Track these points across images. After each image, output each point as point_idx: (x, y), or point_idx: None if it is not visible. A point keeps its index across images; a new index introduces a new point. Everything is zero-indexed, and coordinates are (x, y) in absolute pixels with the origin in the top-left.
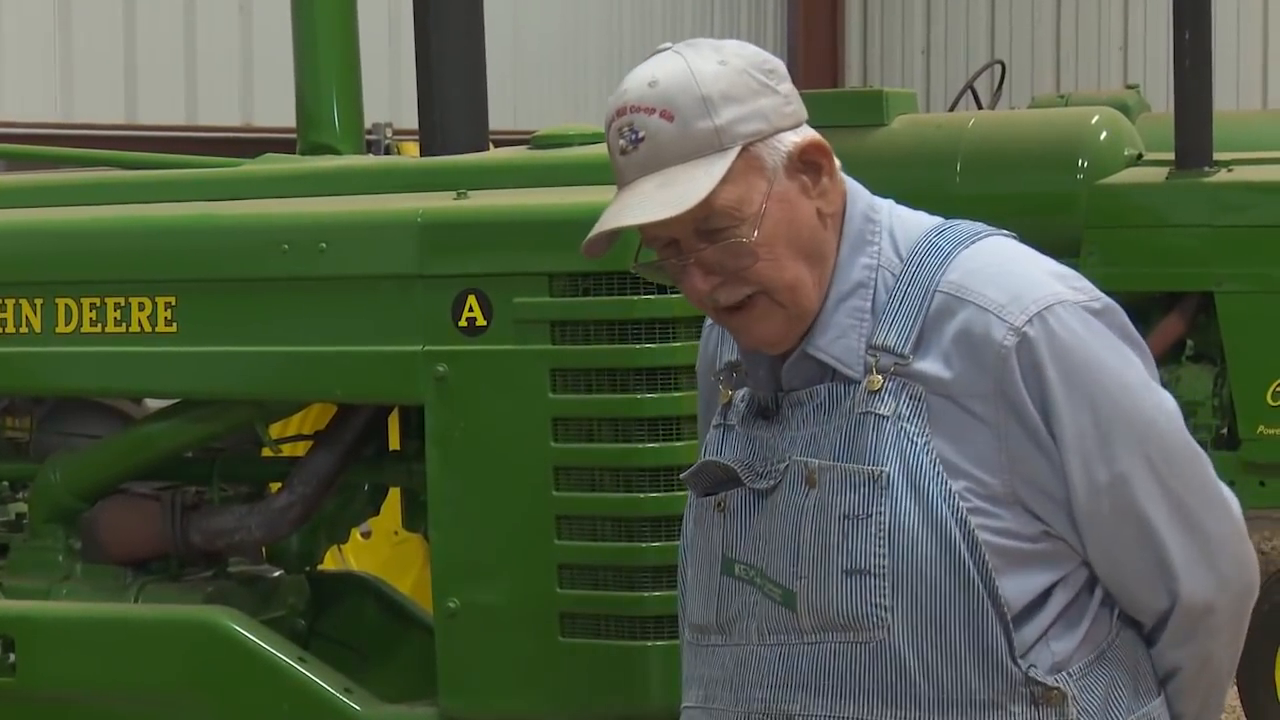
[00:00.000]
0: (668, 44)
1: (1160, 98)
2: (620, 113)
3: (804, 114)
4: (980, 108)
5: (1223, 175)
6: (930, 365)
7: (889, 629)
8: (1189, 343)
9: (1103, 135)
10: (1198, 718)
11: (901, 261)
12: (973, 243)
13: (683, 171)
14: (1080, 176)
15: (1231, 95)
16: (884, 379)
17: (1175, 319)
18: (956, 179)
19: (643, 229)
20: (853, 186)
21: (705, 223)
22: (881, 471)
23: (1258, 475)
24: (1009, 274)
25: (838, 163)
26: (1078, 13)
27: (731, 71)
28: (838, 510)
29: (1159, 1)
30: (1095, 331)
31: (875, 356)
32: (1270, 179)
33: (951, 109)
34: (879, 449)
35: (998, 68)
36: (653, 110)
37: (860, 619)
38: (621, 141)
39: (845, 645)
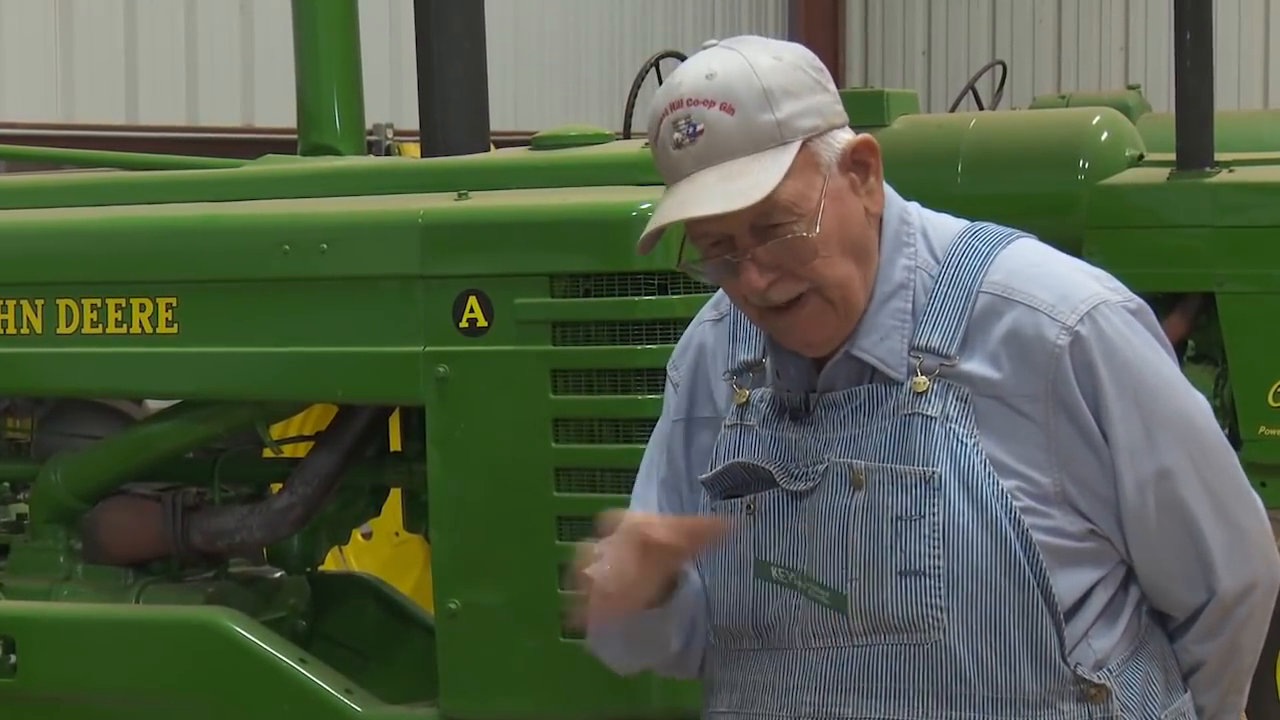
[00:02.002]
0: (713, 40)
1: (1161, 98)
2: (675, 105)
3: (846, 115)
4: (981, 108)
5: (1224, 176)
6: (977, 366)
7: (944, 629)
8: (1190, 343)
9: (1104, 136)
10: (1219, 710)
11: (937, 263)
12: (1008, 244)
13: (744, 164)
14: (1081, 177)
15: (1233, 95)
16: (929, 380)
17: (1176, 319)
18: (958, 179)
19: (691, 225)
20: (886, 190)
21: (764, 218)
22: (933, 472)
23: (1259, 476)
24: (1051, 274)
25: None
26: (1079, 13)
27: (787, 66)
28: (889, 512)
29: (1160, 2)
30: (1136, 331)
31: (919, 358)
32: (1271, 179)
33: (953, 109)
34: (929, 450)
35: (999, 68)
36: (712, 103)
37: (915, 620)
38: (677, 135)
39: (898, 647)
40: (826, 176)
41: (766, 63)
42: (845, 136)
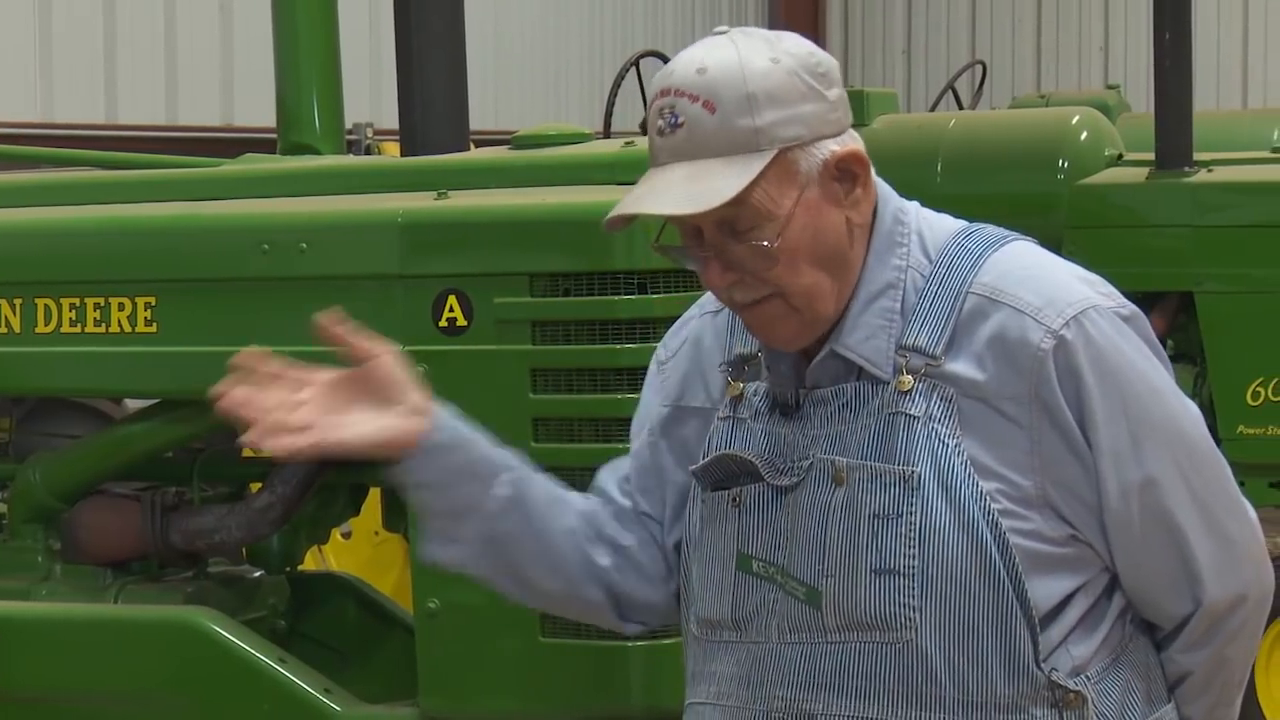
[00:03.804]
0: (724, 27)
1: (1140, 98)
2: (664, 93)
3: (848, 119)
4: (961, 108)
5: (1203, 175)
6: (962, 367)
7: (916, 629)
8: (1169, 342)
9: (1083, 135)
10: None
11: (930, 263)
12: (1001, 245)
13: (715, 166)
14: (1061, 177)
15: (1211, 95)
16: (914, 379)
17: (1155, 319)
18: (937, 179)
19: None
20: (883, 189)
21: (731, 220)
22: (912, 472)
23: (1238, 475)
24: (1041, 278)
25: (874, 174)
26: (1058, 13)
27: (782, 71)
28: (867, 509)
29: (1139, 2)
30: (1126, 337)
31: (905, 357)
32: (1250, 179)
33: (932, 109)
34: (910, 449)
35: (978, 68)
36: (696, 98)
37: (888, 619)
38: (660, 122)
39: (871, 645)
40: (803, 187)
41: (761, 66)
42: (833, 147)
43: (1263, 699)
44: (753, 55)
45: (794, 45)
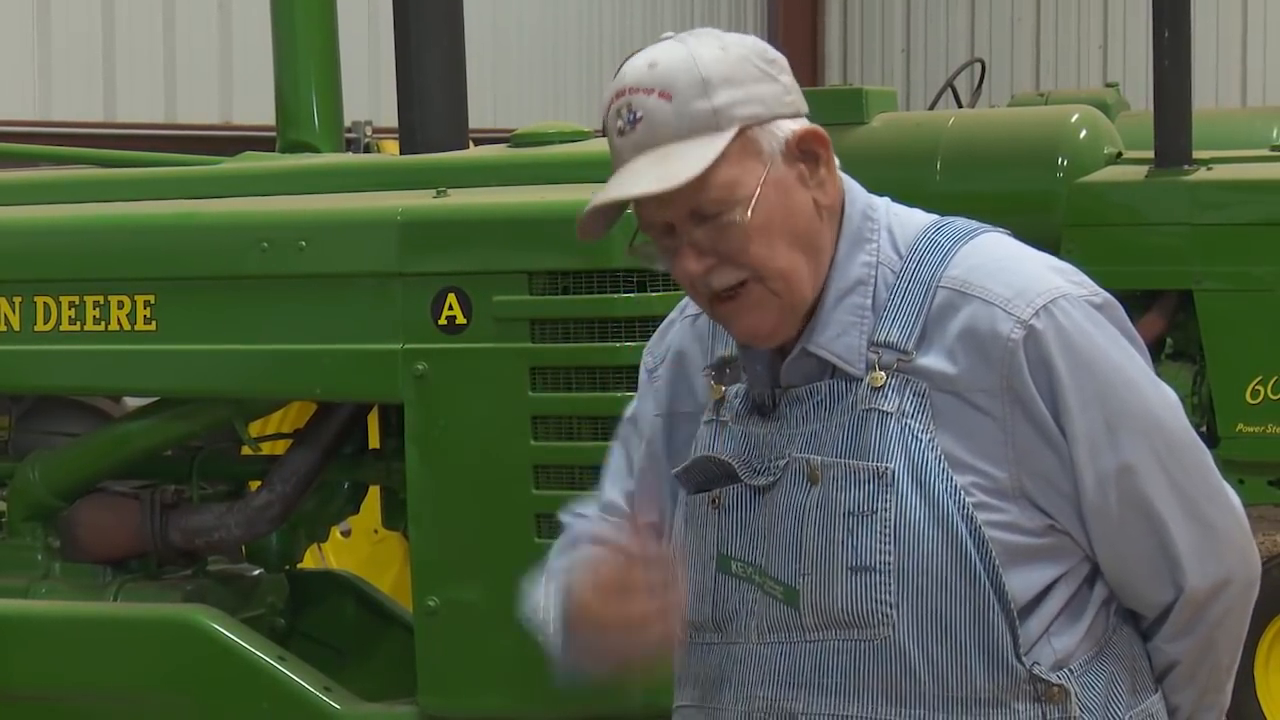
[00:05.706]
0: (670, 33)
1: (1139, 96)
2: (619, 95)
3: (804, 107)
4: (960, 106)
5: (1202, 174)
6: (934, 361)
7: (894, 626)
8: (1168, 341)
9: (1082, 134)
10: (1196, 709)
11: (901, 258)
12: (971, 238)
13: (678, 149)
14: (1060, 175)
15: (1210, 93)
16: (887, 375)
17: (1154, 317)
18: (936, 177)
19: (638, 212)
20: (851, 184)
21: (699, 204)
22: (886, 468)
23: (1236, 473)
24: (1011, 269)
25: (835, 157)
26: (1057, 11)
27: (732, 58)
28: (842, 507)
29: (1138, 0)
30: (1098, 325)
31: (878, 353)
32: (1249, 177)
33: (931, 107)
34: (883, 445)
35: (977, 66)
36: (651, 90)
37: (865, 616)
38: (619, 123)
39: (849, 643)
40: (768, 165)
41: (710, 54)
42: (792, 126)
43: (1263, 698)
44: (701, 47)
45: (741, 38)
